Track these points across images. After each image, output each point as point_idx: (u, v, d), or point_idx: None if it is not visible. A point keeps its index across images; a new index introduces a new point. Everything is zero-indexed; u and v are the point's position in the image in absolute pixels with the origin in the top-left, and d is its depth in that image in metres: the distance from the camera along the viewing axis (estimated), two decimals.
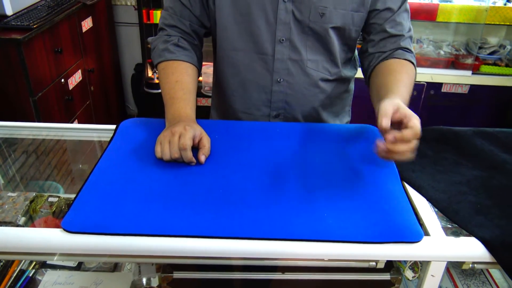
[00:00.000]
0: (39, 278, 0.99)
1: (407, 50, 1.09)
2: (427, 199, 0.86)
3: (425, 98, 2.80)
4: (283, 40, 1.07)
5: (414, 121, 0.78)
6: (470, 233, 0.77)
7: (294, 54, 1.09)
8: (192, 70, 1.10)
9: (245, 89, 1.16)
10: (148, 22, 2.93)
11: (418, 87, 2.76)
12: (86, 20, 2.62)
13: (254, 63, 1.11)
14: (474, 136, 1.05)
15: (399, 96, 0.89)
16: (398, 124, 0.81)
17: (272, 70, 1.11)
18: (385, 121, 0.78)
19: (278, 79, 1.12)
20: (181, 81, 1.04)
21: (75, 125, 1.19)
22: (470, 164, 0.96)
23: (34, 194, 1.07)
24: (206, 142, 0.92)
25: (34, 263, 1.02)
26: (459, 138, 1.04)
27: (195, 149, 0.92)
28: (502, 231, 0.77)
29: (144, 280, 0.99)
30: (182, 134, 0.88)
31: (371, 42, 1.11)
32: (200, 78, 2.99)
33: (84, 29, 2.59)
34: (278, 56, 1.09)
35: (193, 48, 1.13)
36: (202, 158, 0.90)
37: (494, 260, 0.74)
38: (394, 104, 0.82)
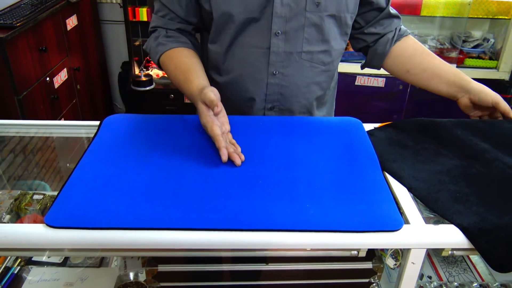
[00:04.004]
0: (25, 275, 0.99)
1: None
2: (407, 188, 0.87)
3: (411, 92, 2.83)
4: (278, 33, 1.08)
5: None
6: (449, 221, 0.79)
7: (290, 47, 1.10)
8: (188, 51, 1.11)
9: (241, 82, 1.16)
10: (134, 20, 2.92)
11: (404, 81, 2.78)
12: (71, 18, 2.60)
13: (250, 56, 1.12)
14: (455, 126, 1.07)
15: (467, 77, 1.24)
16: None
17: (268, 63, 1.12)
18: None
19: (274, 72, 1.13)
20: (179, 66, 1.07)
21: (63, 122, 1.19)
22: (450, 154, 0.98)
23: (19, 192, 1.06)
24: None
25: (19, 260, 1.02)
26: (440, 128, 1.06)
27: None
28: (480, 218, 0.78)
29: (131, 275, 0.99)
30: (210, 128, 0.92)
31: (372, 21, 1.20)
32: None
33: (69, 27, 2.57)
34: (273, 49, 1.10)
35: (185, 35, 1.15)
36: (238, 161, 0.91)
37: (472, 247, 0.76)
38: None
